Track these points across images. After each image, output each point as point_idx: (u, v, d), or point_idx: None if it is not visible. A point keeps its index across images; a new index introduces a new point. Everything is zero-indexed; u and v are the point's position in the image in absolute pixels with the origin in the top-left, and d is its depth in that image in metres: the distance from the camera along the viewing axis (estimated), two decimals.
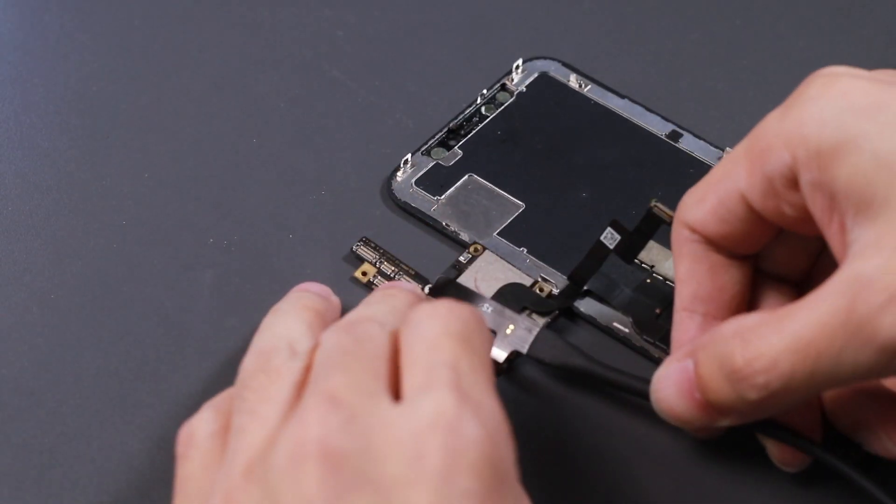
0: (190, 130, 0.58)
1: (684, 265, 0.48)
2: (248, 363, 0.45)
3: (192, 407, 0.49)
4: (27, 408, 0.49)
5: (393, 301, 0.47)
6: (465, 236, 0.54)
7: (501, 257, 0.54)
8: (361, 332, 0.44)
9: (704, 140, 0.57)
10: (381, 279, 0.53)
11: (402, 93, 0.59)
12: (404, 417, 0.41)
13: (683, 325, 0.48)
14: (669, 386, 0.46)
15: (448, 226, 0.55)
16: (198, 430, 0.45)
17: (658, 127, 0.58)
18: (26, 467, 0.48)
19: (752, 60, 0.61)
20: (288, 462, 0.40)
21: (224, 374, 0.50)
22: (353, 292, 0.52)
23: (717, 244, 0.47)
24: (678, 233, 0.48)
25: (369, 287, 0.53)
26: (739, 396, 0.44)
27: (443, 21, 0.62)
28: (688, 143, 0.57)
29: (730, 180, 0.46)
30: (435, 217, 0.55)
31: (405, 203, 0.55)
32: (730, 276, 0.48)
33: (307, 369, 0.44)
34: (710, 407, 0.45)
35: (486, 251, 0.54)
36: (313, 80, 0.60)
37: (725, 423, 0.45)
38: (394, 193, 0.55)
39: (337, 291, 0.51)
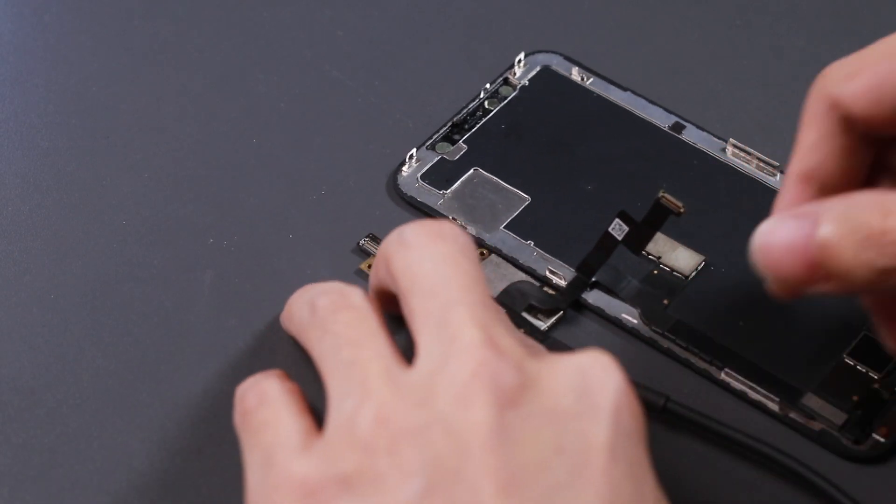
0: (190, 130, 0.58)
1: (814, 135, 0.46)
2: (321, 300, 0.45)
3: (192, 407, 0.49)
4: (27, 408, 0.49)
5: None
6: (471, 230, 0.54)
7: (507, 256, 0.54)
8: (456, 237, 0.45)
9: (707, 131, 0.57)
10: None
11: (401, 92, 0.59)
12: (563, 360, 0.42)
13: (794, 191, 0.47)
14: (779, 241, 0.44)
15: (455, 220, 0.55)
16: (270, 387, 0.45)
17: (661, 119, 0.58)
18: (26, 467, 0.48)
19: (752, 50, 0.61)
20: (459, 398, 0.40)
21: (224, 374, 0.50)
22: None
23: (855, 123, 0.46)
24: (816, 103, 0.46)
25: None
26: (867, 263, 0.43)
27: (441, 20, 0.62)
28: (691, 135, 0.57)
29: (895, 61, 0.44)
30: (441, 211, 0.55)
31: (411, 197, 0.55)
32: (857, 160, 0.47)
33: (381, 312, 0.45)
34: (822, 269, 0.44)
35: (492, 254, 0.54)
36: (313, 80, 0.60)
37: (826, 289, 0.44)
38: (399, 188, 0.55)
39: None
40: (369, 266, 0.53)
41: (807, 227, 0.44)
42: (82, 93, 0.59)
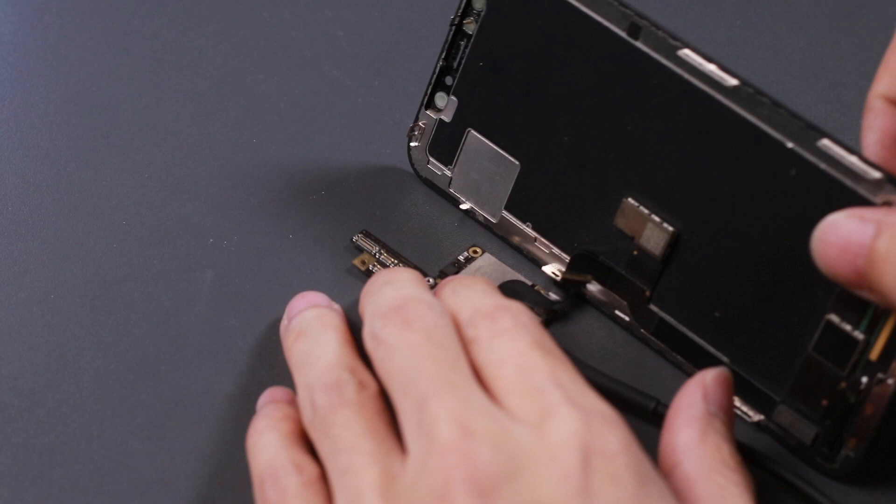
0: (190, 130, 0.58)
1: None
2: (320, 399, 0.45)
3: (192, 406, 0.49)
4: (27, 408, 0.49)
5: (401, 279, 0.47)
6: (480, 216, 0.55)
7: (501, 259, 0.54)
8: (422, 321, 0.45)
9: (662, 31, 0.53)
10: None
11: (401, 92, 0.59)
12: (541, 440, 0.42)
13: (883, 112, 0.49)
14: (837, 238, 0.45)
15: (466, 202, 0.55)
16: (289, 484, 0.45)
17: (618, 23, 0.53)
18: (26, 467, 0.48)
19: (752, 50, 0.61)
20: (436, 498, 0.41)
21: (224, 374, 0.50)
22: (356, 288, 0.52)
23: None
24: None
25: (368, 275, 0.53)
26: None
27: (442, 20, 0.62)
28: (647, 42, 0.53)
29: None
30: (454, 194, 0.55)
31: (426, 179, 0.56)
32: None
33: (378, 395, 0.45)
34: (865, 278, 0.44)
35: (486, 253, 0.54)
36: (313, 80, 0.60)
37: (869, 297, 0.45)
38: (415, 168, 0.56)
39: (337, 289, 0.51)
40: (362, 262, 0.53)
41: (868, 234, 0.44)
42: (82, 93, 0.59)
